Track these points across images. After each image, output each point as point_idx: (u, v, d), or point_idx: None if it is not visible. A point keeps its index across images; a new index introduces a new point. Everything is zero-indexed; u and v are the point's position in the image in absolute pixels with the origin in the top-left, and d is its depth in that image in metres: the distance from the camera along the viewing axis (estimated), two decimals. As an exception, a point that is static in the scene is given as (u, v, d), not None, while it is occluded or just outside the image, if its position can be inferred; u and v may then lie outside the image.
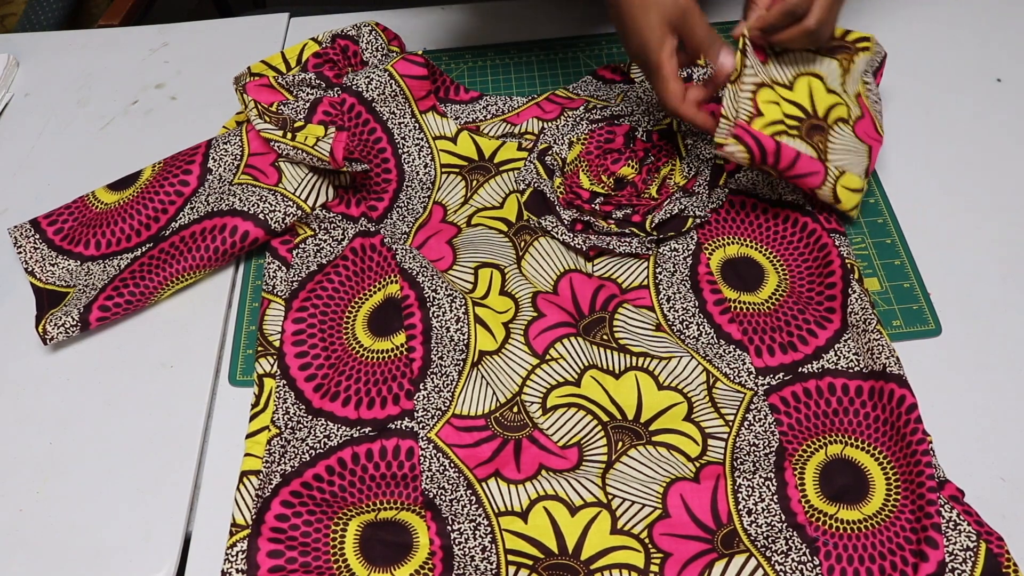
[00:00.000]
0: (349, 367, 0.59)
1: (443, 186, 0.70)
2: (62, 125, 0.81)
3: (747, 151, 0.58)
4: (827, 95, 0.62)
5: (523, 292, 0.61)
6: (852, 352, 0.57)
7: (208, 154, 0.69)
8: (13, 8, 1.08)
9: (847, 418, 0.55)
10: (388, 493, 0.54)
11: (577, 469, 0.54)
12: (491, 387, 0.57)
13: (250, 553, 0.51)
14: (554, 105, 0.74)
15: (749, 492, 0.52)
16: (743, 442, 0.54)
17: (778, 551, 0.50)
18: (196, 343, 0.63)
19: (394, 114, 0.70)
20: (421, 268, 0.63)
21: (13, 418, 0.61)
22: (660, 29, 0.57)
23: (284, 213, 0.64)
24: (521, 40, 0.83)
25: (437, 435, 0.55)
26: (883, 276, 0.63)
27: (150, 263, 0.64)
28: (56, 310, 0.63)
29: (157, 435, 0.59)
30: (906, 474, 0.52)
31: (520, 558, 0.51)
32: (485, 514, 0.52)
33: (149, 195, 0.67)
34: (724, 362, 0.58)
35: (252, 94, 0.68)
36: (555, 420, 0.56)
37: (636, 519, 0.52)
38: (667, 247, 0.64)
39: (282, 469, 0.55)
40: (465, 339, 0.59)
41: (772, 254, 0.64)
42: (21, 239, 0.67)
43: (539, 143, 0.69)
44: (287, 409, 0.57)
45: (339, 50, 0.73)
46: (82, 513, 0.56)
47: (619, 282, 0.62)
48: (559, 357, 0.58)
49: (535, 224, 0.65)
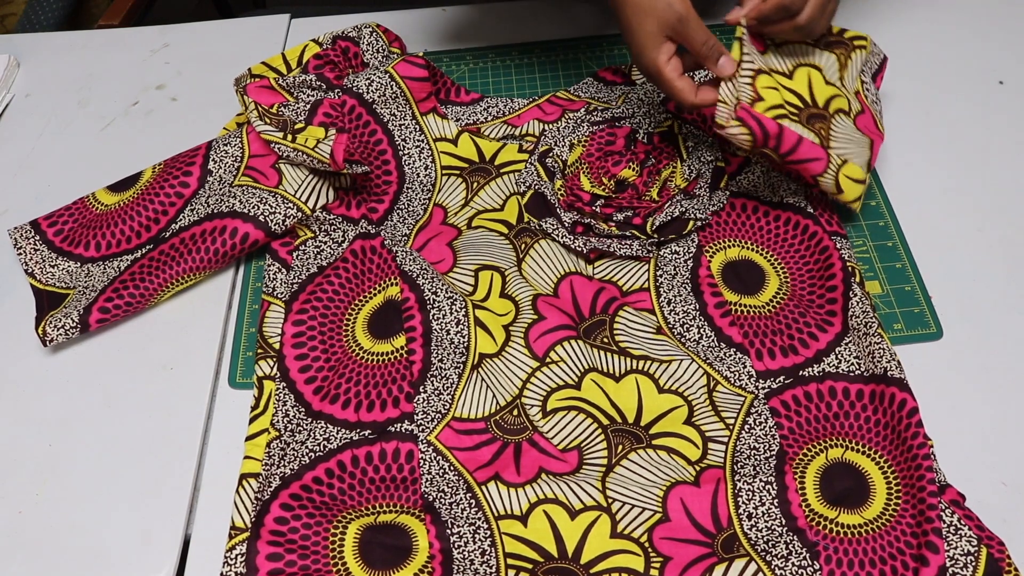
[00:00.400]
0: (349, 369, 0.59)
1: (443, 188, 0.69)
2: (62, 126, 0.81)
3: (749, 132, 0.58)
4: (826, 86, 0.62)
5: (523, 295, 0.61)
6: (853, 355, 0.57)
7: (208, 156, 0.69)
8: (13, 8, 1.08)
9: (848, 422, 0.55)
10: (388, 496, 0.54)
11: (577, 472, 0.54)
12: (491, 390, 0.57)
13: (249, 556, 0.51)
14: (555, 107, 0.74)
15: (749, 496, 0.52)
16: (743, 446, 0.54)
17: (778, 555, 0.50)
18: (196, 345, 0.63)
19: (395, 116, 0.70)
20: (421, 270, 0.63)
21: (13, 420, 0.61)
22: (657, 37, 0.58)
23: (284, 215, 0.64)
24: (522, 41, 0.83)
25: (437, 438, 0.55)
26: (884, 279, 0.63)
27: (150, 265, 0.64)
28: (56, 312, 0.63)
29: (157, 437, 0.59)
30: (907, 478, 0.52)
31: (520, 562, 0.51)
32: (485, 517, 0.52)
33: (149, 197, 0.67)
34: (724, 365, 0.58)
35: (253, 95, 0.68)
36: (555, 423, 0.56)
37: (636, 523, 0.52)
38: (668, 250, 0.64)
39: (281, 472, 0.55)
40: (465, 342, 0.59)
41: (773, 257, 0.64)
42: (21, 240, 0.67)
43: (540, 145, 0.69)
44: (287, 412, 0.57)
45: (340, 51, 0.73)
46: (82, 515, 0.56)
47: (620, 284, 0.62)
48: (559, 360, 0.58)
49: (535, 226, 0.65)
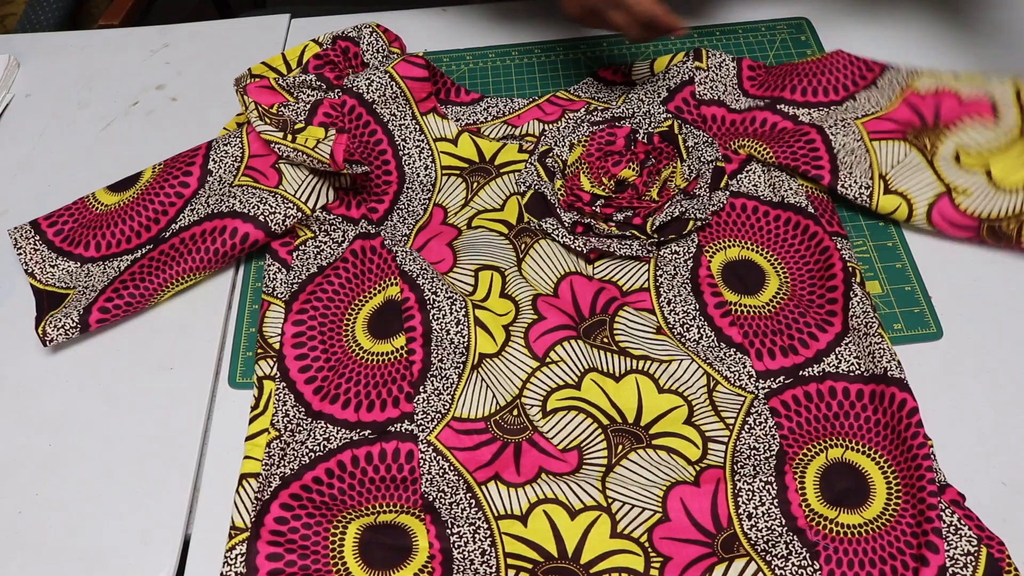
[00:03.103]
0: (349, 369, 0.59)
1: (443, 188, 0.69)
2: (62, 126, 0.81)
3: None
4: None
5: (523, 294, 0.61)
6: (853, 355, 0.57)
7: (208, 156, 0.69)
8: (13, 8, 1.08)
9: (848, 422, 0.55)
10: (388, 496, 0.54)
11: (577, 472, 0.54)
12: (491, 390, 0.57)
13: (249, 556, 0.51)
14: (555, 107, 0.74)
15: (749, 496, 0.52)
16: (743, 446, 0.54)
17: (778, 555, 0.50)
18: (196, 345, 0.63)
19: (395, 116, 0.70)
20: (421, 270, 0.63)
21: (12, 420, 0.61)
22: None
23: (284, 215, 0.64)
24: (522, 42, 0.83)
25: (437, 438, 0.55)
26: (884, 279, 0.63)
27: (150, 265, 0.64)
28: (56, 312, 0.63)
29: (157, 437, 0.59)
30: (907, 478, 0.52)
31: (520, 561, 0.51)
32: (485, 517, 0.52)
33: (149, 197, 0.67)
34: (724, 365, 0.58)
35: (253, 96, 0.68)
36: (555, 423, 0.56)
37: (636, 523, 0.52)
38: (668, 250, 0.64)
39: (281, 472, 0.55)
40: (465, 342, 0.59)
41: (773, 257, 0.64)
42: (21, 240, 0.67)
43: (540, 145, 0.69)
44: (287, 412, 0.57)
45: (340, 52, 0.73)
46: (81, 515, 0.56)
47: (620, 284, 0.62)
48: (559, 360, 0.58)
49: (535, 226, 0.65)
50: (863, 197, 0.64)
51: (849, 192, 0.64)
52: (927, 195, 0.63)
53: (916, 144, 0.65)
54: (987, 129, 0.65)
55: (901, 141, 0.66)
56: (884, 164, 0.65)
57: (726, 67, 0.72)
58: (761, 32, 0.81)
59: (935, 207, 0.62)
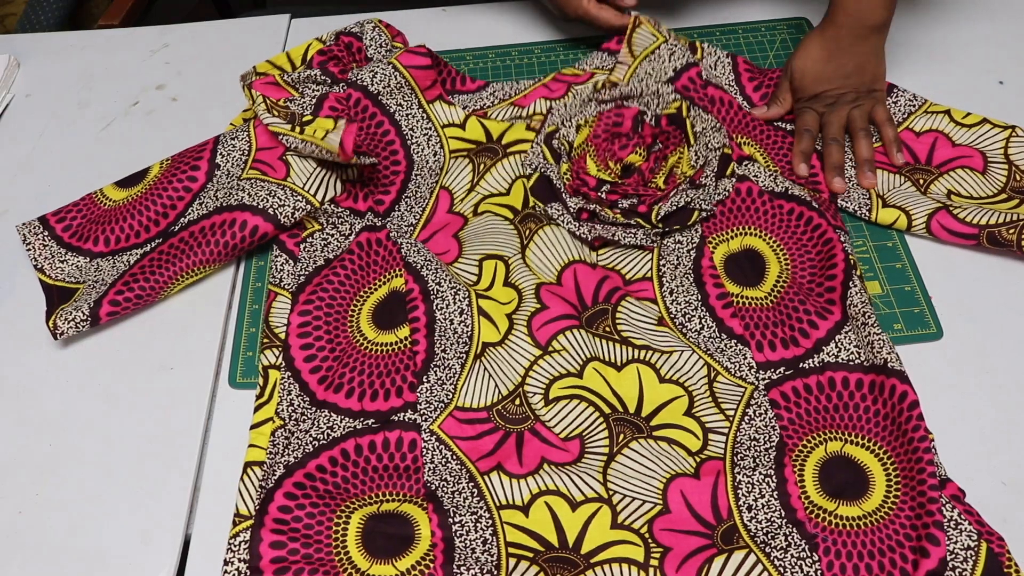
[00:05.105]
0: (353, 359, 0.60)
1: (450, 170, 0.69)
2: (63, 126, 0.80)
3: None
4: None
5: (526, 283, 0.61)
6: (852, 344, 0.57)
7: (216, 150, 0.69)
8: (13, 8, 1.08)
9: (847, 414, 0.55)
10: (390, 485, 0.54)
11: (579, 462, 0.54)
12: (494, 379, 0.57)
13: (252, 544, 0.51)
14: (560, 84, 0.74)
15: (749, 488, 0.52)
16: (744, 437, 0.54)
17: (777, 547, 0.50)
18: (196, 345, 0.63)
19: (401, 106, 0.70)
20: (426, 261, 0.63)
21: (13, 420, 0.61)
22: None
23: (293, 208, 0.65)
24: (522, 42, 0.83)
25: (440, 427, 0.55)
26: (884, 279, 0.63)
27: (160, 258, 0.64)
28: (66, 305, 0.63)
29: (157, 437, 0.59)
30: (906, 471, 0.52)
31: (520, 551, 0.51)
32: (487, 507, 0.53)
33: (157, 192, 0.68)
34: (725, 356, 0.58)
35: (259, 91, 0.68)
36: (557, 411, 0.56)
37: (636, 514, 0.52)
38: (671, 240, 0.64)
39: (286, 460, 0.55)
40: (468, 331, 0.59)
41: (775, 242, 0.64)
42: (30, 236, 0.67)
43: (547, 124, 0.69)
44: (291, 401, 0.58)
45: (343, 47, 0.73)
46: (81, 515, 0.56)
47: (623, 273, 0.63)
48: (562, 349, 0.58)
49: (541, 212, 0.65)
50: (863, 211, 0.65)
51: (849, 207, 0.66)
52: (925, 209, 0.64)
53: (910, 179, 0.67)
54: (976, 179, 0.66)
55: (896, 173, 0.67)
56: (880, 189, 0.66)
57: (722, 65, 0.73)
58: (761, 32, 0.81)
59: (934, 217, 0.63)
